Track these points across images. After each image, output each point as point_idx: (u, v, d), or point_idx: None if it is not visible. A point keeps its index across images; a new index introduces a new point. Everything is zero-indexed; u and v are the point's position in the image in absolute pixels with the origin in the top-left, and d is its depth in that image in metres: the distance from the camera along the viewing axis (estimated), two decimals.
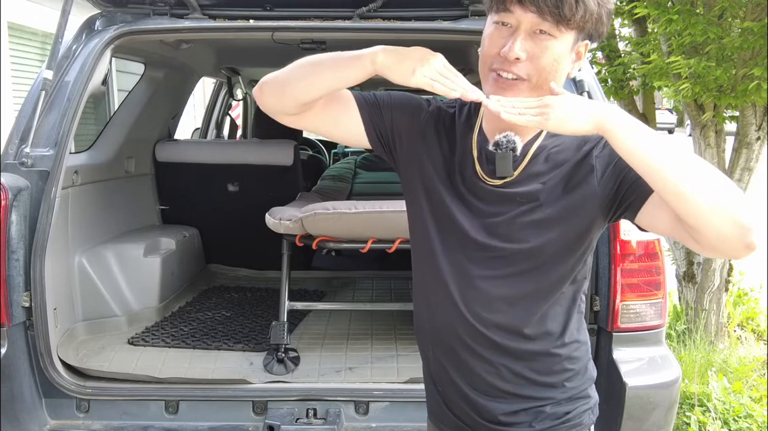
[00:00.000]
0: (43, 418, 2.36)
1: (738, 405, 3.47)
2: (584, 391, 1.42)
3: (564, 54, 1.27)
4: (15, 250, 2.27)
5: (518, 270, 1.33)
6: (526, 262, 1.33)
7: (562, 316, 1.37)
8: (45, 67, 2.43)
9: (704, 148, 4.31)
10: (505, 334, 1.35)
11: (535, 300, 1.34)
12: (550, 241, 1.31)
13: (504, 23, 1.26)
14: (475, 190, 1.36)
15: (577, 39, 1.28)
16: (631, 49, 4.74)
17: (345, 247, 2.88)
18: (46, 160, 2.34)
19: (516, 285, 1.33)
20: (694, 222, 1.10)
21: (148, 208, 3.86)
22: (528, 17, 1.23)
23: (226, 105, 5.73)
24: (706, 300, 4.43)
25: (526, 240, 1.31)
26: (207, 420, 2.39)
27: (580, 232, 1.31)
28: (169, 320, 3.24)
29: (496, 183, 1.34)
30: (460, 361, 1.40)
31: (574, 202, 1.30)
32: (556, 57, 1.25)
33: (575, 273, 1.35)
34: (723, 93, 3.85)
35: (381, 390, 2.45)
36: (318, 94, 1.35)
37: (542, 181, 1.32)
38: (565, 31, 1.24)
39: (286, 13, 2.63)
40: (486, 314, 1.34)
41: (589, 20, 1.24)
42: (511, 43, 1.24)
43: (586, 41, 1.30)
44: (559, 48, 1.25)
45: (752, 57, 3.77)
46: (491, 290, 1.34)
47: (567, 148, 1.33)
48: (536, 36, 1.24)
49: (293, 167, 3.88)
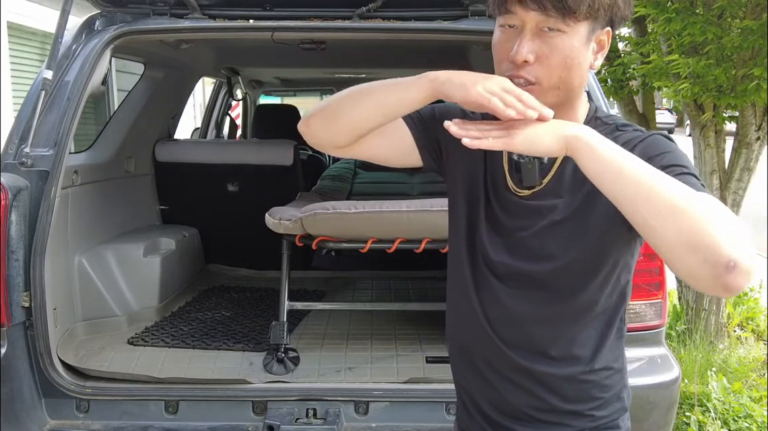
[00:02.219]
0: (42, 418, 2.36)
1: (738, 405, 3.47)
2: (614, 421, 1.31)
3: (578, 48, 1.18)
4: (15, 250, 2.27)
5: (543, 289, 1.25)
6: (552, 281, 1.24)
7: (593, 340, 1.27)
8: (45, 67, 2.43)
9: (704, 148, 4.31)
10: (530, 356, 1.28)
11: (562, 321, 1.26)
12: (577, 259, 1.21)
13: (509, 25, 1.19)
14: (504, 203, 1.29)
15: (594, 28, 1.19)
16: (631, 49, 4.74)
17: (345, 247, 2.88)
18: (46, 160, 2.34)
19: (541, 304, 1.26)
20: (664, 256, 1.00)
21: (147, 208, 3.86)
22: (531, 16, 1.15)
23: (225, 105, 5.74)
24: (706, 300, 4.43)
25: (550, 257, 1.23)
26: (207, 420, 2.39)
27: (606, 249, 1.21)
28: (169, 320, 3.24)
29: (525, 194, 1.26)
30: (483, 378, 1.34)
31: (598, 215, 1.20)
32: (569, 53, 1.17)
33: (606, 293, 1.25)
34: (723, 93, 3.85)
35: (381, 390, 2.45)
36: (376, 122, 1.26)
37: (570, 192, 1.23)
38: (574, 24, 1.15)
39: (285, 13, 2.63)
40: (510, 334, 1.28)
41: (600, 7, 1.16)
42: (517, 46, 1.17)
43: (607, 28, 1.21)
44: (570, 43, 1.17)
45: (752, 57, 3.77)
46: (515, 309, 1.27)
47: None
48: (544, 34, 1.16)
49: (293, 167, 3.88)
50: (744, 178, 4.27)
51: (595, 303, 1.25)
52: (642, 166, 1.03)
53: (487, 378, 1.33)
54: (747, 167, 4.24)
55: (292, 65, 4.63)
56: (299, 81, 6.21)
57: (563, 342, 1.26)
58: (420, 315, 3.18)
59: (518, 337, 1.28)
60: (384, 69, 5.03)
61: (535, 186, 1.25)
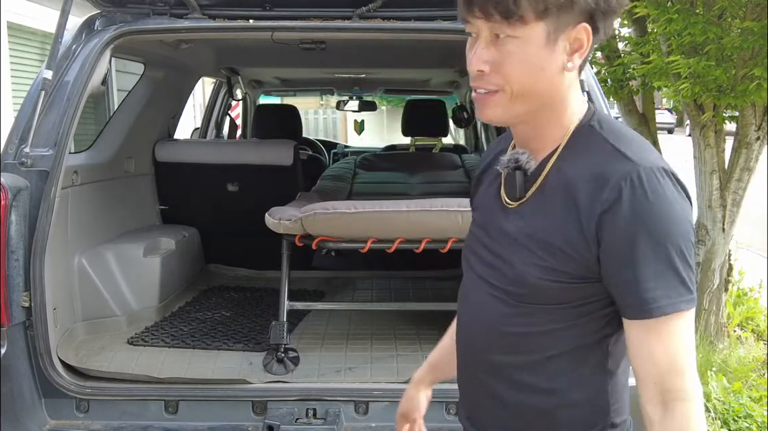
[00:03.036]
0: (42, 418, 2.36)
1: (738, 405, 3.47)
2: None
3: (536, 52, 1.09)
4: (14, 250, 2.27)
5: (520, 309, 1.19)
6: (528, 301, 1.18)
7: (568, 372, 1.19)
8: (44, 67, 2.43)
9: (704, 148, 4.31)
10: (493, 370, 1.24)
11: (535, 346, 1.19)
12: (547, 281, 1.14)
13: (471, 33, 1.15)
14: (495, 216, 1.26)
15: (558, 27, 1.09)
16: (631, 49, 4.74)
17: (345, 247, 2.88)
18: (46, 160, 2.34)
19: (518, 324, 1.19)
20: None
21: (147, 208, 3.86)
22: (480, 23, 1.10)
23: (225, 105, 5.73)
24: (706, 300, 4.43)
25: (523, 277, 1.16)
26: (206, 420, 2.39)
27: (577, 278, 1.13)
28: (169, 320, 3.24)
29: (513, 205, 1.21)
30: (470, 389, 1.33)
31: (569, 244, 1.12)
32: (524, 58, 1.09)
33: (582, 324, 1.17)
34: (723, 93, 3.85)
35: (381, 390, 2.45)
36: None
37: (546, 208, 1.16)
38: (522, 27, 1.08)
39: (285, 12, 2.63)
40: (489, 351, 1.25)
41: (550, 5, 1.06)
42: (471, 56, 1.13)
43: (583, 25, 1.10)
44: (525, 47, 1.09)
45: (752, 57, 3.78)
46: (498, 327, 1.22)
47: (580, 178, 1.13)
48: (498, 41, 1.10)
49: (293, 167, 3.88)
50: (744, 177, 4.27)
51: (569, 329, 1.17)
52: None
53: (472, 390, 1.32)
54: (747, 167, 4.24)
55: (292, 65, 4.63)
56: (299, 81, 6.21)
57: (536, 368, 1.20)
58: (420, 315, 3.18)
59: (495, 356, 1.24)
60: (384, 69, 5.04)
61: (520, 198, 1.20)
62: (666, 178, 1.09)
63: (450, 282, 3.86)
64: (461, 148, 6.47)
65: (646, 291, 1.08)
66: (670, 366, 1.09)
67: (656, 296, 1.08)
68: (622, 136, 1.16)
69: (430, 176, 4.46)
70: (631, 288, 1.09)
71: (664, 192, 1.08)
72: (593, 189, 1.10)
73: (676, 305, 1.08)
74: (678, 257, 1.08)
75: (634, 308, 1.10)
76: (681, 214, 1.09)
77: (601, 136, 1.15)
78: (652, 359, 1.10)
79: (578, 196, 1.11)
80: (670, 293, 1.08)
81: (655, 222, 1.07)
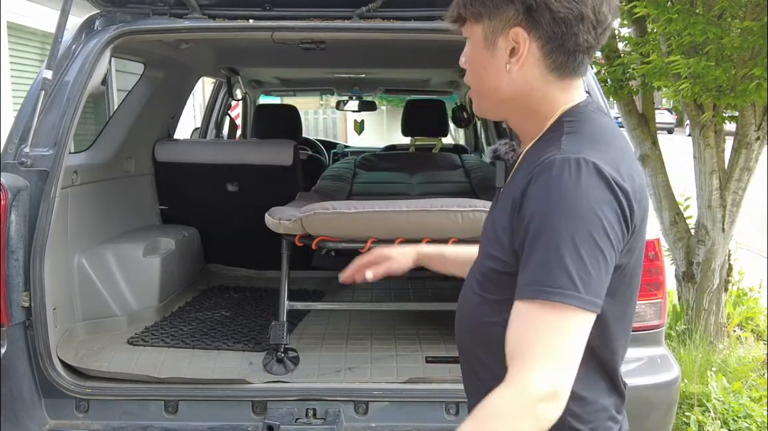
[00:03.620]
0: (42, 418, 2.36)
1: (737, 405, 3.47)
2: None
3: (477, 52, 1.19)
4: (14, 250, 2.27)
5: (484, 299, 1.20)
6: (488, 291, 1.19)
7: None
8: (44, 67, 2.43)
9: (704, 148, 4.31)
10: (479, 364, 1.24)
11: (498, 337, 1.11)
12: (493, 272, 1.17)
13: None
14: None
15: (494, 29, 1.15)
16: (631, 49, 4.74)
17: (345, 247, 2.88)
18: (46, 160, 2.34)
19: (484, 314, 1.20)
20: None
21: (147, 208, 3.86)
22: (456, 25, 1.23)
23: (225, 105, 5.73)
24: (706, 300, 4.43)
25: (483, 265, 1.21)
26: (206, 420, 2.39)
27: (513, 268, 1.11)
28: (169, 320, 3.24)
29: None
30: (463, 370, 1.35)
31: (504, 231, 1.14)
32: (470, 58, 1.21)
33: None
34: (722, 93, 3.85)
35: (380, 390, 2.45)
36: None
37: (503, 197, 1.22)
38: (468, 30, 1.20)
39: (285, 12, 2.63)
40: (468, 340, 1.27)
41: (478, 8, 1.15)
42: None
43: (517, 29, 1.13)
44: (470, 48, 1.20)
45: (752, 57, 3.78)
46: (471, 316, 1.24)
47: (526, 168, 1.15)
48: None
49: (293, 167, 3.88)
50: (744, 177, 4.27)
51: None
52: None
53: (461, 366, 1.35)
54: (747, 167, 4.24)
55: (292, 65, 4.63)
56: (299, 81, 6.21)
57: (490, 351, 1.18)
58: (420, 315, 3.18)
59: (463, 338, 1.29)
60: (384, 69, 5.04)
61: (500, 188, 1.28)
62: (582, 167, 1.05)
63: (450, 282, 3.86)
64: (461, 148, 6.47)
65: (529, 274, 1.04)
66: (514, 350, 1.04)
67: (527, 280, 1.04)
68: (580, 131, 1.14)
69: (429, 176, 4.46)
70: (523, 269, 1.06)
71: (573, 179, 1.04)
72: (524, 178, 1.11)
73: (548, 294, 1.02)
74: (568, 247, 1.02)
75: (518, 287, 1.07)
76: (585, 205, 1.03)
77: (563, 130, 1.15)
78: (507, 338, 1.06)
79: (516, 186, 1.13)
80: (544, 280, 1.02)
81: (551, 208, 1.04)
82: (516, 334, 1.05)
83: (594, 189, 1.04)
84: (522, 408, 0.99)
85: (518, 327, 1.05)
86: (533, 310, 1.03)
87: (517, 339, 1.04)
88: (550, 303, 1.02)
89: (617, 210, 1.06)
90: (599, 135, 1.15)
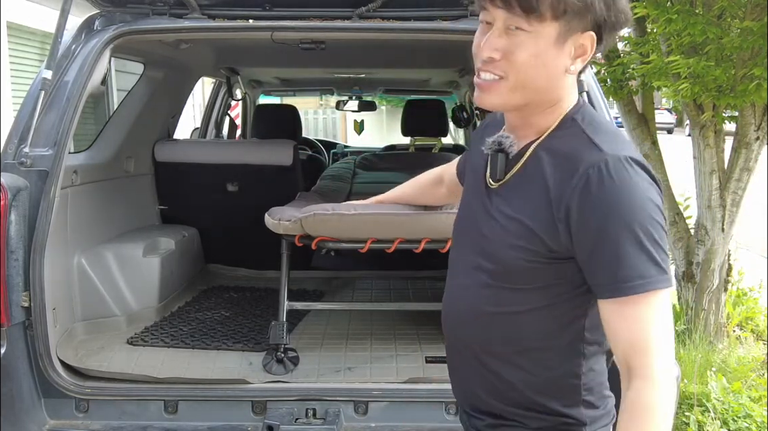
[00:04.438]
0: (42, 418, 2.36)
1: (737, 405, 3.47)
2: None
3: (544, 49, 1.17)
4: (14, 250, 2.27)
5: (495, 288, 1.26)
6: (503, 280, 1.25)
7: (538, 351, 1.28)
8: (44, 67, 2.43)
9: (703, 148, 4.31)
10: (481, 352, 1.32)
11: (508, 325, 1.27)
12: (518, 260, 1.21)
13: (486, 21, 1.22)
14: (480, 195, 1.33)
15: (568, 30, 1.17)
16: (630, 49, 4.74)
17: (344, 247, 2.88)
18: (45, 160, 2.34)
19: (494, 303, 1.27)
20: None
21: (147, 208, 3.86)
22: (499, 13, 1.18)
23: (225, 105, 5.73)
24: (705, 300, 4.43)
25: (498, 254, 1.24)
26: (206, 420, 2.39)
27: (546, 258, 1.20)
28: (169, 320, 3.24)
29: (494, 186, 1.30)
30: (456, 361, 1.42)
31: (539, 225, 1.20)
32: (534, 53, 1.17)
33: (553, 306, 1.24)
34: (722, 93, 3.85)
35: (380, 390, 2.45)
36: None
37: (523, 189, 1.24)
38: (538, 25, 1.15)
39: (285, 12, 2.63)
40: (469, 328, 1.32)
41: (567, 9, 1.14)
42: (484, 43, 1.20)
43: (590, 33, 1.19)
44: (535, 43, 1.17)
45: (752, 57, 3.77)
46: (477, 304, 1.30)
47: (555, 165, 1.21)
48: (511, 33, 1.18)
49: (292, 167, 3.88)
50: (743, 178, 4.26)
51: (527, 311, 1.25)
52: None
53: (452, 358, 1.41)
54: (746, 167, 4.24)
55: (292, 65, 4.63)
56: (299, 81, 6.21)
57: (497, 340, 1.28)
58: (419, 315, 3.18)
59: (467, 330, 1.33)
60: (384, 69, 5.03)
61: (500, 180, 1.28)
62: (632, 166, 1.16)
63: None
64: (461, 148, 6.47)
65: (619, 270, 1.13)
66: (633, 345, 1.14)
67: (628, 275, 1.12)
68: (599, 128, 1.23)
69: None
70: (604, 268, 1.14)
71: (630, 178, 1.14)
72: (565, 175, 1.18)
73: (648, 284, 1.12)
74: (646, 238, 1.13)
75: (605, 286, 1.15)
76: (646, 197, 1.14)
77: (580, 127, 1.23)
78: (617, 337, 1.16)
79: (551, 181, 1.19)
80: (642, 273, 1.12)
81: (622, 205, 1.13)
82: (628, 331, 1.14)
83: (645, 182, 1.15)
84: (668, 393, 1.12)
85: (628, 324, 1.14)
86: (637, 305, 1.13)
87: (632, 335, 1.14)
88: (648, 294, 1.12)
89: (660, 195, 1.18)
90: (614, 130, 1.26)
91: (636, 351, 1.13)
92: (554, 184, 1.18)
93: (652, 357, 1.12)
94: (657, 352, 1.13)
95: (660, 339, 1.13)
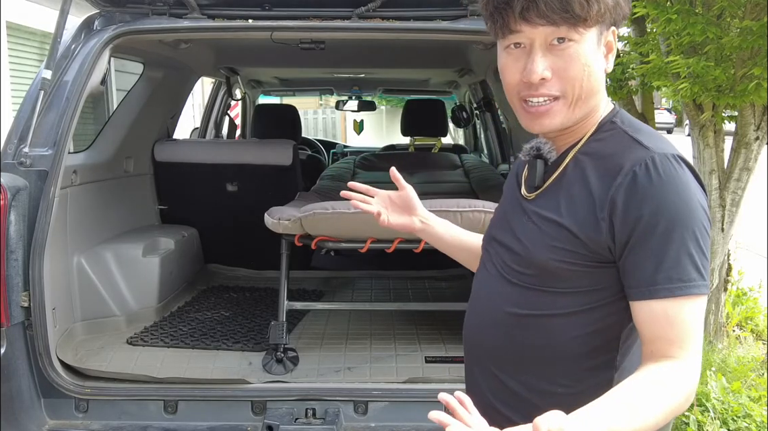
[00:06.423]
0: (41, 418, 2.36)
1: (737, 404, 3.47)
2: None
3: (591, 54, 1.15)
4: (14, 250, 2.27)
5: (530, 292, 1.23)
6: (538, 284, 1.21)
7: (571, 359, 1.22)
8: (44, 67, 2.43)
9: (703, 148, 4.31)
10: (507, 359, 1.27)
11: (541, 330, 1.22)
12: (557, 263, 1.18)
13: (515, 45, 1.16)
14: (516, 199, 1.31)
15: (601, 31, 1.17)
16: (630, 48, 4.74)
17: (344, 247, 2.88)
18: (45, 160, 2.34)
19: (526, 307, 1.23)
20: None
21: (146, 208, 3.86)
22: (539, 31, 1.13)
23: (224, 105, 5.73)
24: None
25: (535, 258, 1.20)
26: (206, 420, 2.39)
27: (587, 261, 1.17)
28: (168, 320, 3.24)
29: (530, 196, 1.26)
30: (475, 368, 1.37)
31: (581, 228, 1.16)
32: (585, 61, 1.14)
33: (589, 311, 1.19)
34: (722, 93, 3.85)
35: (380, 390, 2.45)
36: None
37: (563, 194, 1.20)
38: (585, 31, 1.13)
39: (284, 12, 2.63)
40: (498, 334, 1.28)
41: (606, 10, 1.13)
42: (531, 65, 1.14)
43: (613, 28, 1.19)
44: (584, 50, 1.14)
45: (751, 57, 3.77)
46: (508, 309, 1.25)
47: (597, 165, 1.18)
48: (555, 47, 1.13)
49: (292, 167, 3.88)
50: (743, 177, 4.26)
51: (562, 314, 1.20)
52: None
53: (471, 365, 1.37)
54: (746, 167, 4.24)
55: (292, 65, 4.63)
56: (298, 81, 6.21)
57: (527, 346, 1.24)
58: (419, 315, 3.18)
59: (489, 339, 1.29)
60: (383, 69, 5.03)
61: (539, 188, 1.25)
62: (681, 165, 1.12)
63: (449, 282, 3.86)
64: (460, 148, 6.47)
65: (658, 272, 1.10)
66: (669, 342, 1.11)
67: (667, 277, 1.09)
68: (640, 129, 1.21)
69: (429, 176, 4.46)
70: (643, 268, 1.11)
71: (679, 176, 1.11)
72: (609, 174, 1.14)
73: (686, 289, 1.09)
74: (691, 241, 1.10)
75: (642, 288, 1.11)
76: (696, 199, 1.11)
77: (621, 128, 1.20)
78: (652, 338, 1.12)
79: (593, 183, 1.16)
80: (682, 276, 1.09)
81: (670, 205, 1.10)
82: (662, 330, 1.10)
83: (692, 182, 1.12)
84: (690, 388, 1.08)
85: (662, 324, 1.10)
86: (678, 306, 1.10)
87: (671, 334, 1.10)
88: (689, 298, 1.09)
89: (706, 198, 1.15)
90: (655, 131, 1.22)
91: (669, 344, 1.10)
92: (597, 185, 1.15)
93: (686, 349, 1.10)
94: (691, 347, 1.10)
95: (694, 338, 1.11)
